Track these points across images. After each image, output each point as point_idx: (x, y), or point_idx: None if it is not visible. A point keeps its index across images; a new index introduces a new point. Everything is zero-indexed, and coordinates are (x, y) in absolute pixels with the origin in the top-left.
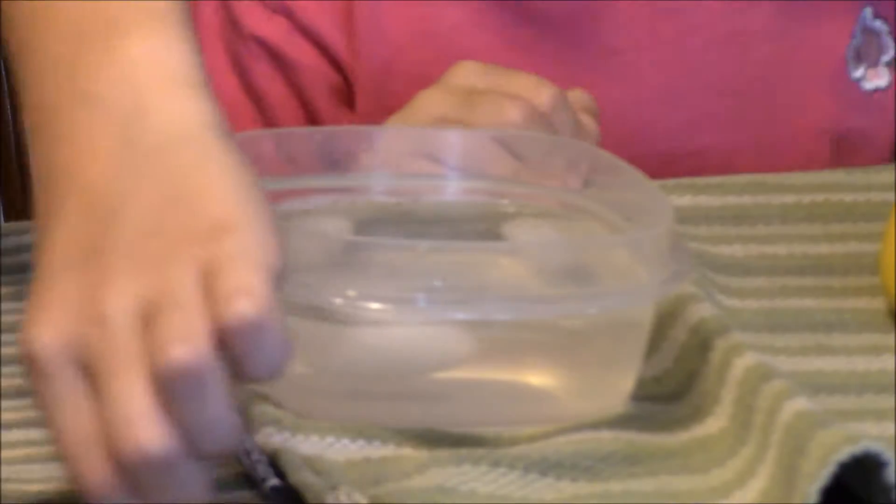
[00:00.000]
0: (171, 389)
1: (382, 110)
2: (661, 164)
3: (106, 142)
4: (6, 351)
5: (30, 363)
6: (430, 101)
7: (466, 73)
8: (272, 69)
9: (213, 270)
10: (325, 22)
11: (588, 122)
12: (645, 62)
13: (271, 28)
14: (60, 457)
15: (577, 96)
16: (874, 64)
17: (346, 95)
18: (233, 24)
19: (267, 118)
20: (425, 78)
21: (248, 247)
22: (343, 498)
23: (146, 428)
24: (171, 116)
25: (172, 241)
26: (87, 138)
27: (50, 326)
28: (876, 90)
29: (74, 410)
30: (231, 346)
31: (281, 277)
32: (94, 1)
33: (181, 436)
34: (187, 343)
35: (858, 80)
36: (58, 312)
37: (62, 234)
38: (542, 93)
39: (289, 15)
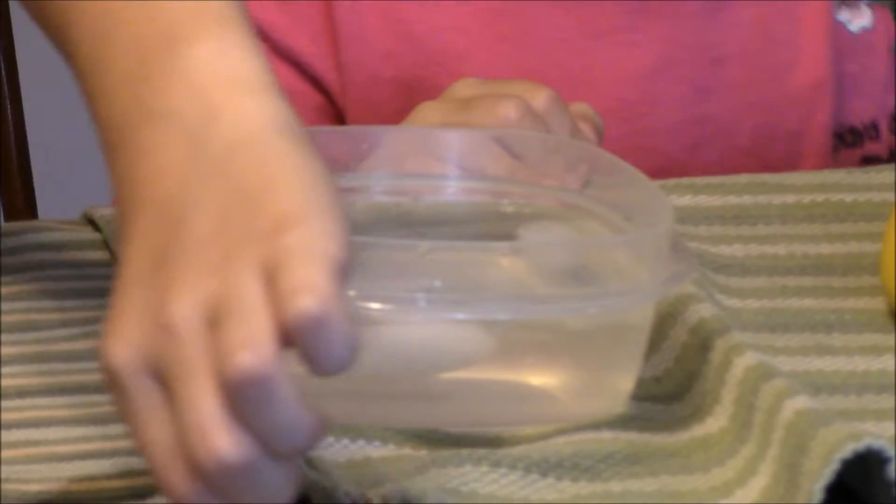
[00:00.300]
0: (240, 395)
1: (374, 122)
2: (667, 134)
3: (176, 153)
4: (6, 351)
5: (108, 377)
6: (429, 111)
7: (464, 87)
8: None
9: (276, 267)
10: (302, 39)
11: (586, 129)
12: (641, 36)
13: None
14: (147, 468)
15: (578, 107)
16: (854, 5)
17: (332, 114)
18: None
19: None
20: (415, 83)
21: (311, 240)
22: (355, 497)
23: (219, 436)
24: (237, 119)
25: (235, 242)
26: (158, 152)
27: (123, 339)
28: (862, 31)
29: (155, 421)
30: (297, 344)
31: (348, 269)
32: (154, 12)
33: (256, 439)
34: (252, 349)
35: (845, 23)
36: (129, 325)
37: (136, 247)
38: (537, 93)
39: (264, 37)
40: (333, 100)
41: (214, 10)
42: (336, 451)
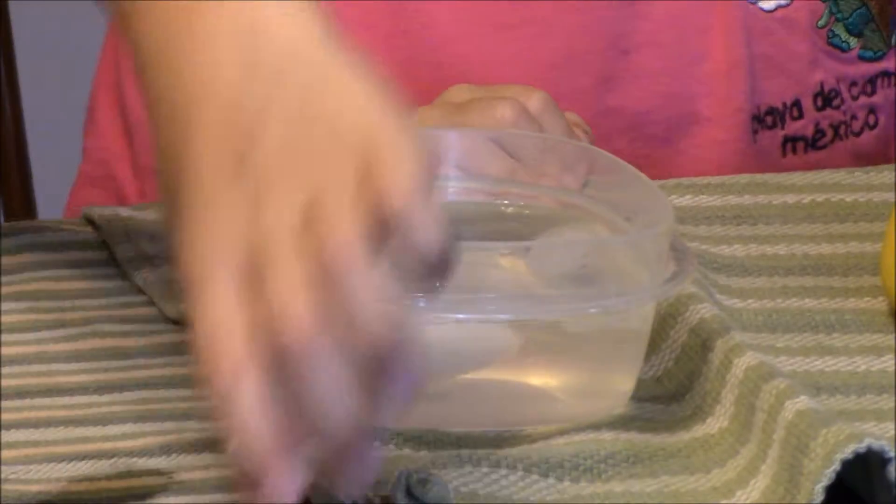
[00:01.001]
0: (332, 276)
1: None
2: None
3: (231, 68)
4: (6, 351)
5: (191, 278)
6: (425, 117)
7: (458, 92)
8: None
9: (370, 175)
10: None
11: (578, 135)
12: (547, 28)
13: None
14: (207, 389)
15: (568, 116)
16: None
17: None
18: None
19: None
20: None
21: (401, 152)
22: (355, 497)
23: (302, 312)
24: (287, 36)
25: (322, 155)
26: (211, 66)
27: (215, 242)
28: (778, 8)
29: (234, 308)
30: (394, 234)
31: (433, 174)
32: None
33: (337, 330)
34: (347, 229)
35: (755, 1)
36: (221, 229)
37: (206, 156)
38: (531, 96)
39: None
40: None
41: None
42: None
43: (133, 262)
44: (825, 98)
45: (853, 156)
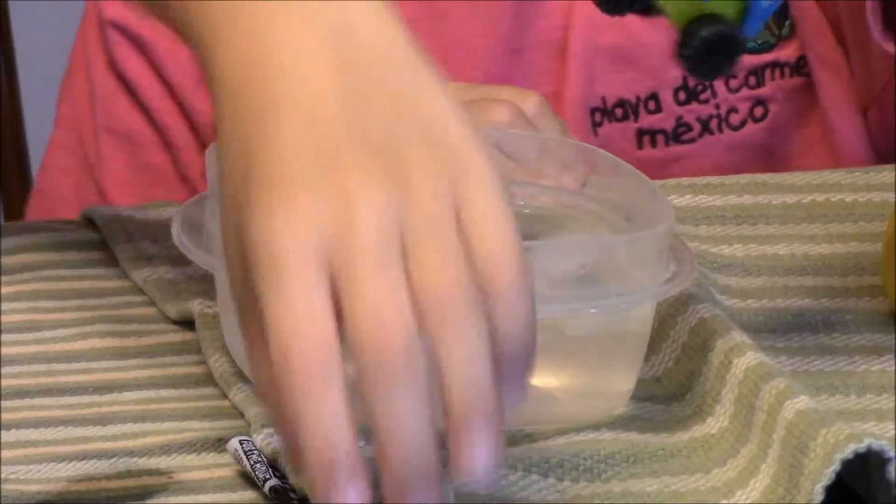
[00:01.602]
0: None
1: None
2: None
3: (322, 51)
4: (6, 351)
5: (273, 262)
6: None
7: (453, 91)
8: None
9: (462, 204)
10: None
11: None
12: (447, 25)
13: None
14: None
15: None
16: None
17: None
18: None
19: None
20: None
21: (489, 181)
22: None
23: (399, 331)
24: (376, 36)
25: (413, 162)
26: (298, 44)
27: (299, 220)
28: None
29: (310, 307)
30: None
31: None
32: None
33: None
34: (448, 272)
35: None
36: (305, 208)
37: (292, 149)
38: (526, 98)
39: None
40: None
41: None
42: None
43: (133, 262)
44: (689, 92)
45: (729, 149)
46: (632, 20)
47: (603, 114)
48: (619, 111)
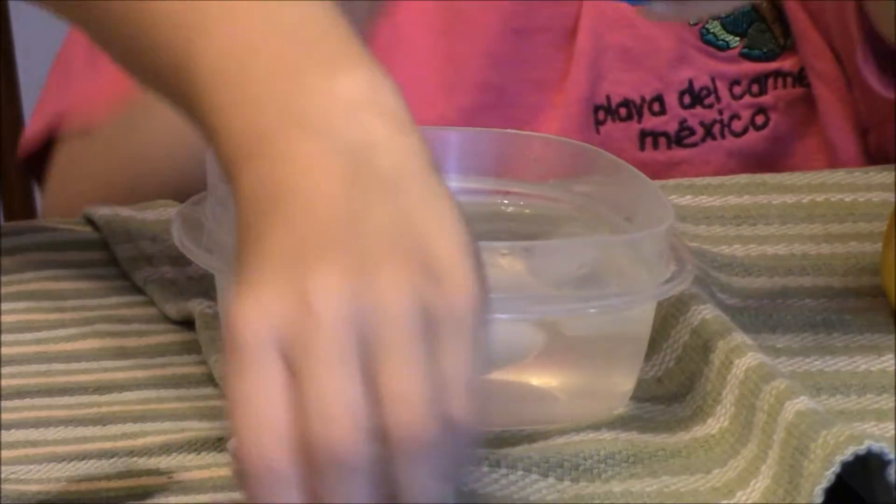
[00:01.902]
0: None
1: None
2: None
3: (335, 167)
4: (6, 351)
5: (234, 344)
6: None
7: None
8: None
9: (434, 317)
10: None
11: None
12: (421, 50)
13: None
14: (236, 445)
15: None
16: None
17: None
18: None
19: None
20: None
21: (467, 307)
22: None
23: (347, 428)
24: (398, 153)
25: (393, 261)
26: (313, 162)
27: (261, 309)
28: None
29: (271, 399)
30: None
31: (485, 321)
32: (301, 37)
33: (380, 449)
34: (413, 403)
35: None
36: (268, 297)
37: (275, 238)
38: None
39: None
40: None
41: (357, 45)
42: None
43: (133, 262)
44: (694, 96)
45: (731, 156)
46: (642, 21)
47: (606, 112)
48: (623, 111)
